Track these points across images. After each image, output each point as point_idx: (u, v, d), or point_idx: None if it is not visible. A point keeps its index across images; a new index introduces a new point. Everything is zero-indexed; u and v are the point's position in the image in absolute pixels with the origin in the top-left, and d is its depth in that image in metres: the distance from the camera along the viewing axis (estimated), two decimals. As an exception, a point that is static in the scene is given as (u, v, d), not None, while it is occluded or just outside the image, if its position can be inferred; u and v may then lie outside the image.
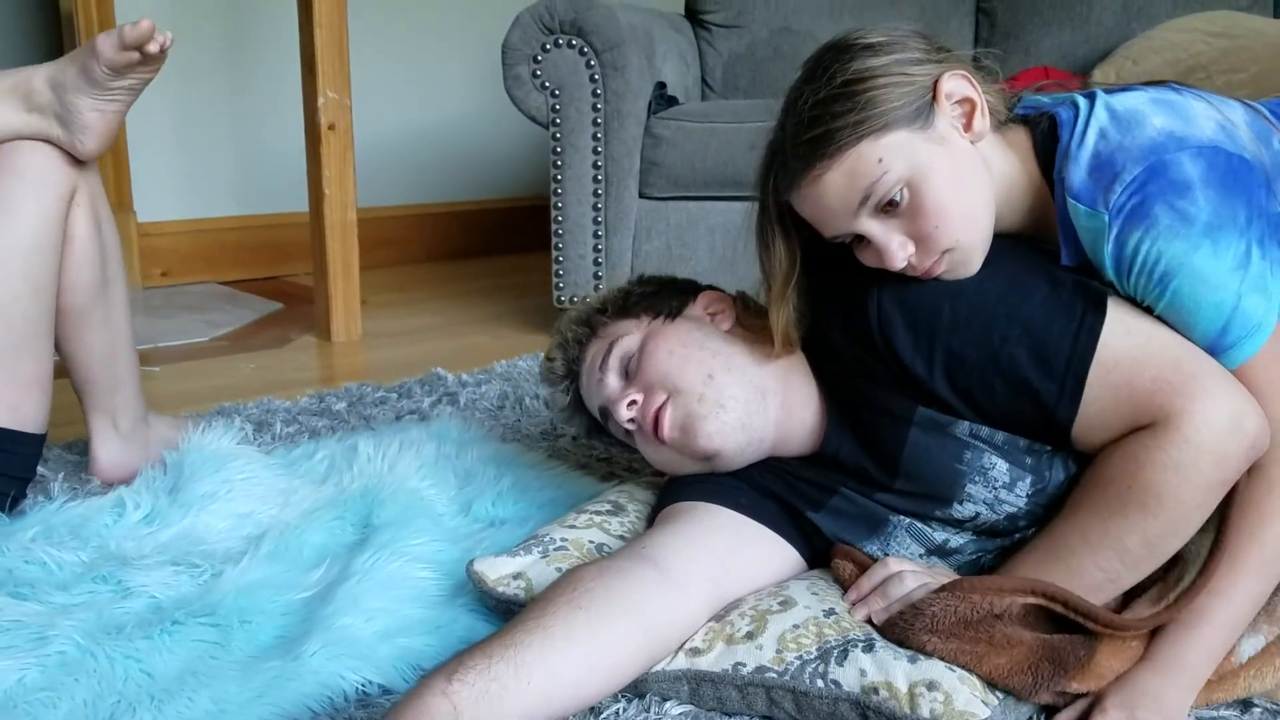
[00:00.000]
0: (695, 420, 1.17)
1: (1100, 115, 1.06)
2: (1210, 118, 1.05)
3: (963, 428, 1.12)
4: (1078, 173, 1.04)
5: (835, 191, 1.05)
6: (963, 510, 1.15)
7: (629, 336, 1.23)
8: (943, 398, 1.10)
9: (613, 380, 1.23)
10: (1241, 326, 1.01)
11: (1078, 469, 1.11)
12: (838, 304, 1.15)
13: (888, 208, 1.05)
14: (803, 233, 1.12)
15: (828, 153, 1.03)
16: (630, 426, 1.21)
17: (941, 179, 1.05)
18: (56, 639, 1.09)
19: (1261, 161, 1.05)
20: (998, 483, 1.12)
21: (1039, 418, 1.08)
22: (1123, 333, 1.04)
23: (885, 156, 1.03)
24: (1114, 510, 1.02)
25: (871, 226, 1.06)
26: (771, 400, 1.19)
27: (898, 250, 1.06)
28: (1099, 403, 1.04)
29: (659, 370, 1.19)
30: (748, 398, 1.18)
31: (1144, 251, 1.02)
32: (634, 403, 1.20)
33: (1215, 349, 1.02)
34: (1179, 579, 1.05)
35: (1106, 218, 1.02)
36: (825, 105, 1.04)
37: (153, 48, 1.33)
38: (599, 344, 1.26)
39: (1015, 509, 1.13)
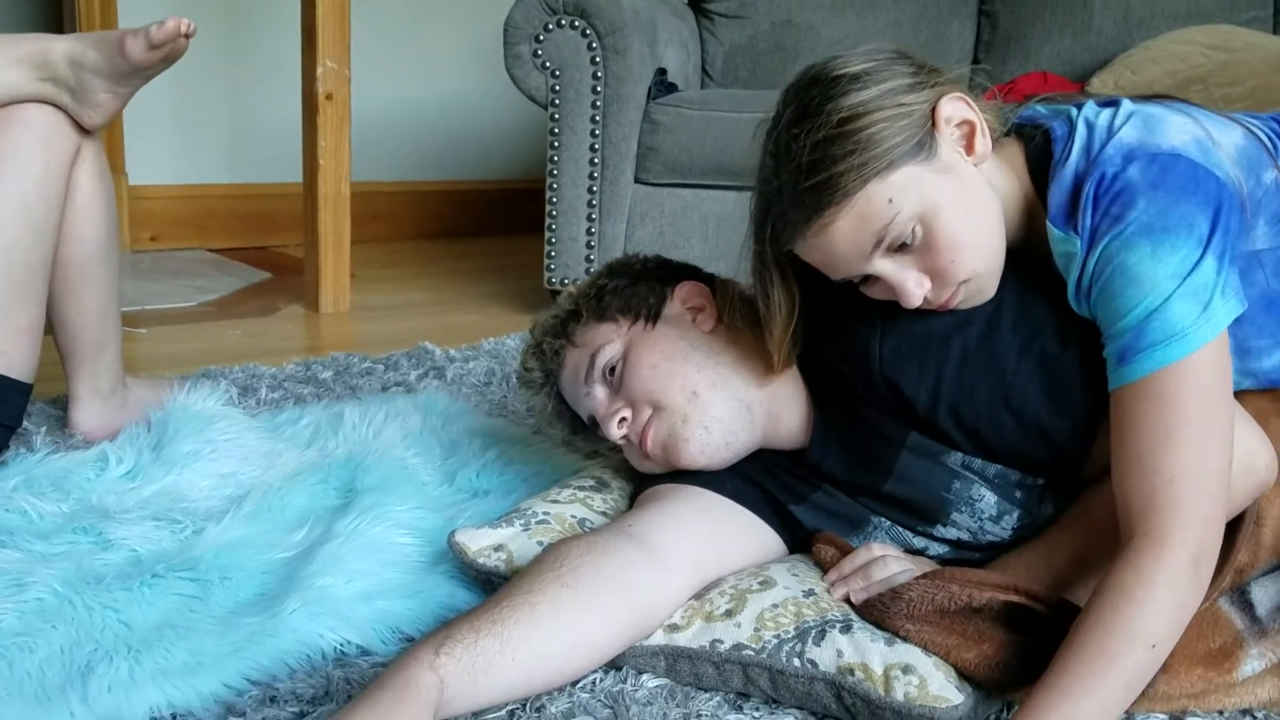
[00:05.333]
0: (679, 441, 1.16)
1: (1081, 133, 1.03)
2: (1186, 130, 1.01)
3: (955, 458, 1.11)
4: (1058, 194, 1.02)
5: (845, 238, 1.00)
6: (945, 533, 1.15)
7: (610, 345, 1.20)
8: (944, 431, 1.09)
9: (599, 393, 1.21)
10: (1161, 330, 0.94)
11: (1067, 503, 1.10)
12: (836, 336, 1.13)
13: (901, 247, 1.01)
14: (799, 272, 1.09)
15: (834, 199, 0.98)
16: (622, 442, 1.21)
17: (953, 210, 1.01)
18: (35, 586, 1.09)
19: (1239, 188, 1.00)
20: (984, 515, 1.12)
21: (1048, 454, 1.07)
22: None
23: (895, 196, 0.99)
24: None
25: (885, 267, 1.02)
26: (758, 411, 1.18)
27: (914, 288, 1.02)
28: (1107, 439, 1.01)
29: (643, 387, 1.17)
30: (732, 416, 1.16)
31: (1090, 265, 0.99)
32: (624, 419, 1.18)
33: (1130, 349, 0.96)
34: None
35: (1079, 243, 1.00)
36: (824, 148, 0.98)
37: (185, 26, 1.35)
38: (579, 353, 1.23)
39: (999, 540, 1.13)
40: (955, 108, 1.03)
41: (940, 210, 1.00)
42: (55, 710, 0.94)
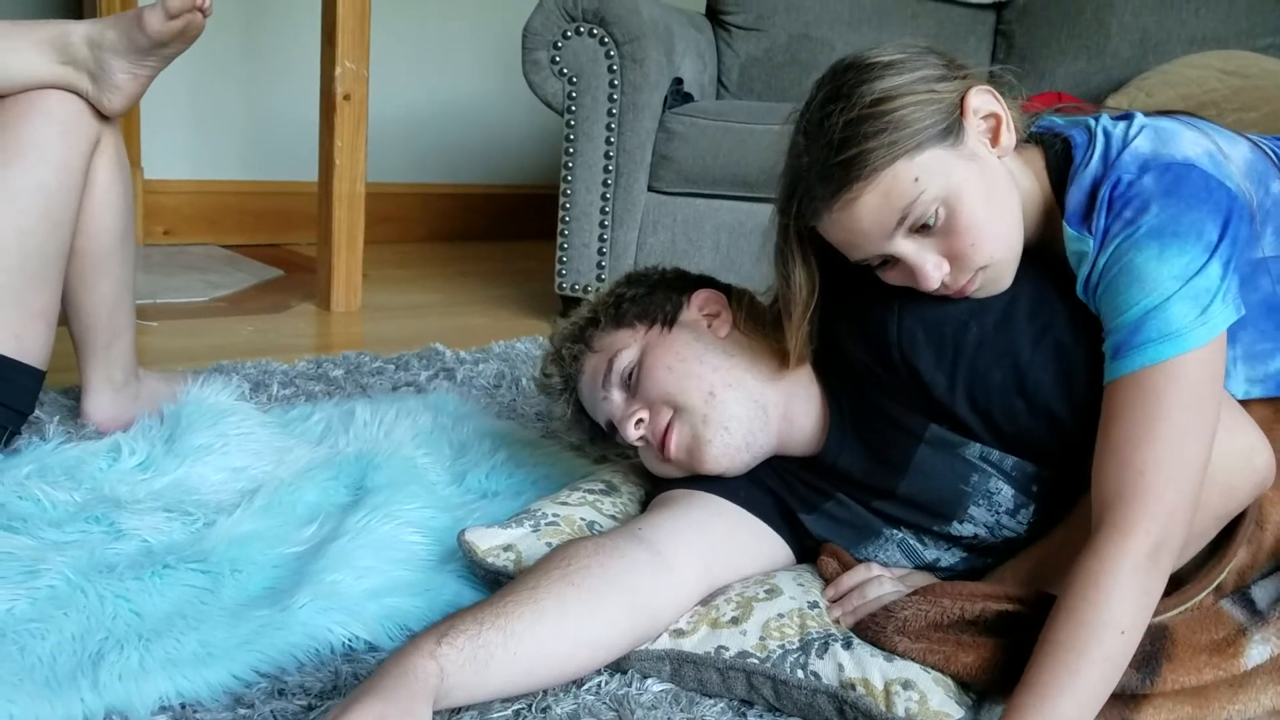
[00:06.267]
0: (701, 444, 1.17)
1: (1100, 141, 1.06)
2: (1198, 144, 1.04)
3: (973, 450, 1.12)
4: (1076, 196, 1.05)
5: (870, 214, 1.03)
6: (962, 529, 1.15)
7: (627, 350, 1.22)
8: (960, 417, 1.10)
9: (616, 396, 1.22)
10: (1157, 329, 0.97)
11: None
12: (854, 319, 1.14)
13: (922, 229, 1.03)
14: (820, 256, 1.11)
15: (862, 174, 1.01)
16: (639, 444, 1.21)
17: (976, 196, 1.03)
18: (47, 573, 1.09)
19: (1248, 199, 1.03)
20: (1001, 508, 1.13)
21: (1057, 440, 1.08)
22: None
23: (921, 175, 1.01)
24: None
25: (905, 247, 1.04)
26: (773, 413, 1.19)
27: (933, 271, 1.04)
28: None
29: (660, 388, 1.18)
30: (750, 416, 1.17)
31: (1100, 264, 1.02)
32: (641, 420, 1.19)
33: (1125, 345, 0.99)
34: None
35: (1091, 243, 1.03)
36: (855, 126, 1.01)
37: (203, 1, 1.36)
38: (597, 358, 1.24)
39: (1015, 534, 1.14)
40: (983, 100, 1.07)
41: (963, 194, 1.03)
42: (66, 696, 0.94)
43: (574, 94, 2.45)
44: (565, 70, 2.44)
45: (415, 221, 3.63)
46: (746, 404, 1.18)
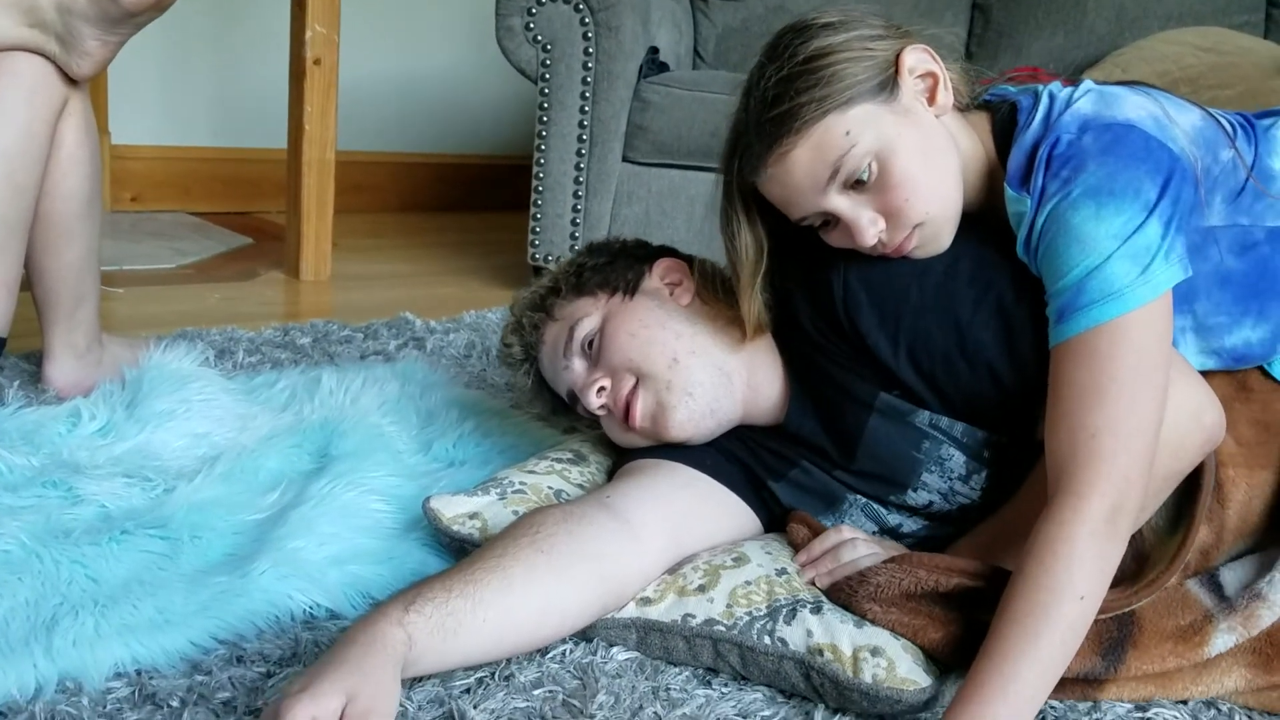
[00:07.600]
0: (665, 411, 1.16)
1: (1044, 104, 1.06)
2: (1143, 107, 1.04)
3: (923, 417, 1.12)
4: (1017, 157, 1.05)
5: (803, 168, 1.03)
6: (917, 498, 1.15)
7: (588, 318, 1.21)
8: (905, 381, 1.10)
9: (578, 365, 1.21)
10: (1099, 289, 0.96)
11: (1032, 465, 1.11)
12: (803, 283, 1.14)
13: (856, 185, 1.04)
14: (768, 220, 1.11)
15: (794, 128, 1.02)
16: (601, 413, 1.21)
17: (910, 151, 1.04)
18: (1, 538, 1.07)
19: (1193, 163, 1.03)
20: (954, 474, 1.13)
21: (1002, 403, 1.08)
22: None
23: (852, 129, 1.02)
24: None
25: (840, 203, 1.05)
26: (737, 381, 1.19)
27: (868, 226, 1.05)
28: None
29: (622, 354, 1.17)
30: (714, 382, 1.17)
31: (1038, 224, 1.02)
32: (603, 389, 1.18)
33: (1069, 307, 0.98)
34: (1142, 574, 1.06)
35: (1029, 202, 1.03)
36: (788, 83, 1.02)
37: None
38: (558, 327, 1.24)
39: (969, 501, 1.14)
40: (919, 58, 1.07)
41: (896, 149, 1.03)
42: (18, 662, 0.92)
43: (548, 61, 2.42)
44: (539, 37, 2.41)
45: (387, 191, 3.59)
46: (710, 370, 1.17)
